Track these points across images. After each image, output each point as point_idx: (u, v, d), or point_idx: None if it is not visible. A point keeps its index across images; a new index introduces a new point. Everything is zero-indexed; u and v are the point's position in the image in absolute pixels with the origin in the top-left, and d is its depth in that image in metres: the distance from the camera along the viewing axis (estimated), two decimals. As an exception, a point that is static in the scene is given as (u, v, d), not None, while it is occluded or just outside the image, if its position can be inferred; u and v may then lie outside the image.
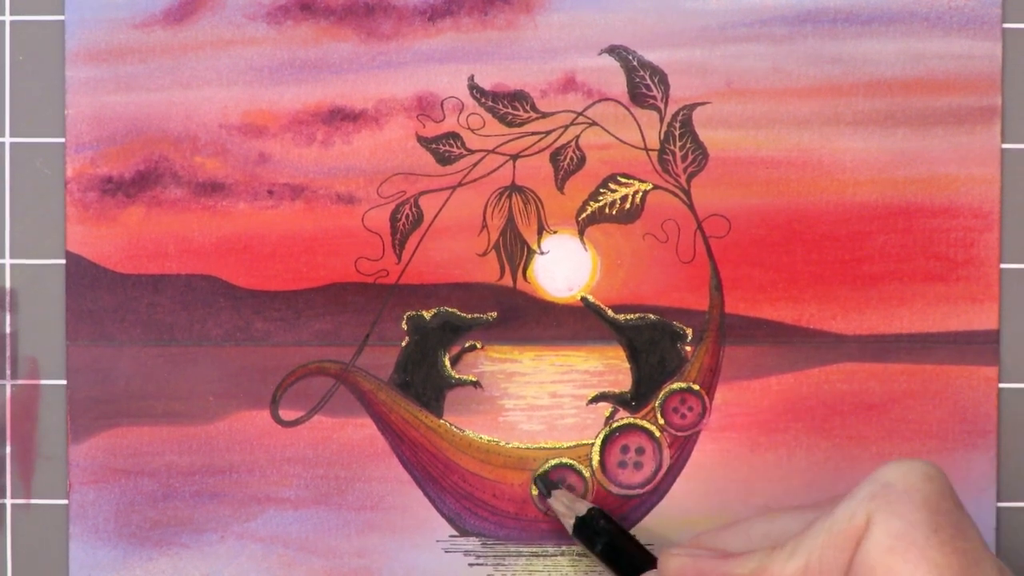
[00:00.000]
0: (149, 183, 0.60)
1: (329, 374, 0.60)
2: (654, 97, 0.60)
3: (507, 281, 0.60)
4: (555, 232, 0.60)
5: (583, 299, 0.60)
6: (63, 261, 0.60)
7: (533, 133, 0.60)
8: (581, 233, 0.60)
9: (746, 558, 0.48)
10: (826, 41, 0.59)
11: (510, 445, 0.60)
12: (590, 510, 0.58)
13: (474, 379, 0.60)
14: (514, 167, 0.60)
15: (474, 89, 0.60)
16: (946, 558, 0.43)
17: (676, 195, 0.60)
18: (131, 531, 0.60)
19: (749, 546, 0.50)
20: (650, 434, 0.60)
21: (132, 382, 0.60)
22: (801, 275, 0.60)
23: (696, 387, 0.60)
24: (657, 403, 0.60)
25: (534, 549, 0.60)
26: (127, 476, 0.60)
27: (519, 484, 0.60)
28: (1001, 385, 0.60)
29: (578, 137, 0.60)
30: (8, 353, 0.60)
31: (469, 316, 0.60)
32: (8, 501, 0.60)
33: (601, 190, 0.60)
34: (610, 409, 0.60)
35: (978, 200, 0.60)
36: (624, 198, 0.60)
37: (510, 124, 0.60)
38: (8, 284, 0.60)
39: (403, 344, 0.60)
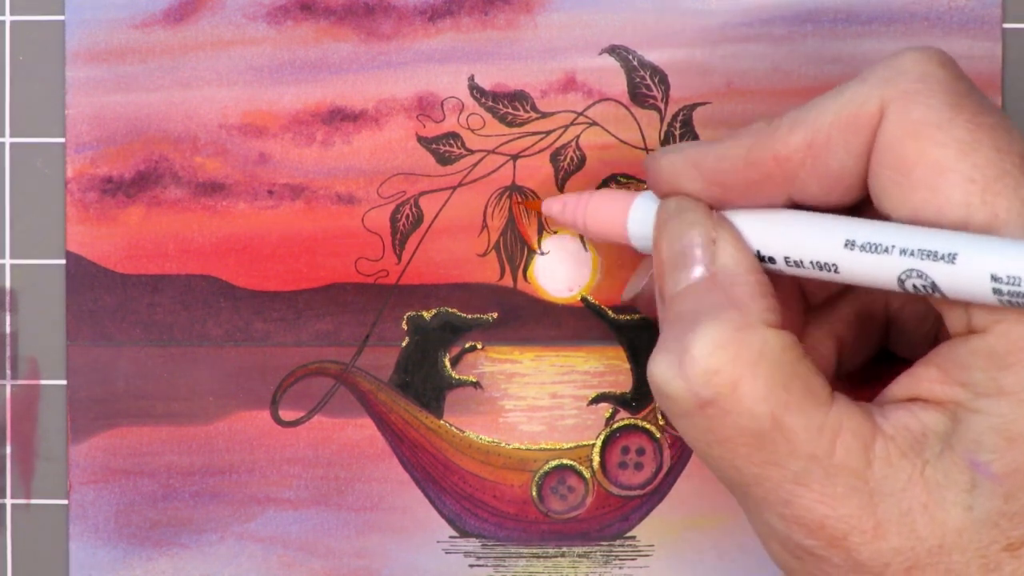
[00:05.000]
0: (149, 183, 0.60)
1: (329, 374, 0.60)
2: (654, 97, 0.60)
3: (507, 282, 0.60)
4: (555, 232, 0.60)
5: (584, 300, 0.60)
6: (63, 261, 0.60)
7: (533, 133, 0.60)
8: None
9: (741, 134, 0.46)
10: (826, 41, 0.59)
11: (511, 446, 0.60)
12: None
13: (474, 380, 0.60)
14: (514, 167, 0.60)
15: (474, 89, 0.60)
16: (973, 134, 0.41)
17: (676, 195, 0.60)
18: (131, 531, 0.60)
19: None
20: (650, 435, 0.60)
21: (132, 382, 0.60)
22: (802, 275, 0.60)
23: (697, 387, 0.60)
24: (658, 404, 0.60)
25: (534, 550, 0.60)
26: (127, 476, 0.60)
27: (519, 485, 0.60)
28: (1002, 385, 0.60)
29: (578, 137, 0.60)
30: (8, 353, 0.60)
31: (469, 316, 0.60)
32: (8, 501, 0.60)
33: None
34: (610, 410, 0.60)
35: (978, 200, 0.60)
36: (624, 198, 0.60)
37: (510, 124, 0.60)
38: (8, 284, 0.60)
39: (403, 344, 0.60)
